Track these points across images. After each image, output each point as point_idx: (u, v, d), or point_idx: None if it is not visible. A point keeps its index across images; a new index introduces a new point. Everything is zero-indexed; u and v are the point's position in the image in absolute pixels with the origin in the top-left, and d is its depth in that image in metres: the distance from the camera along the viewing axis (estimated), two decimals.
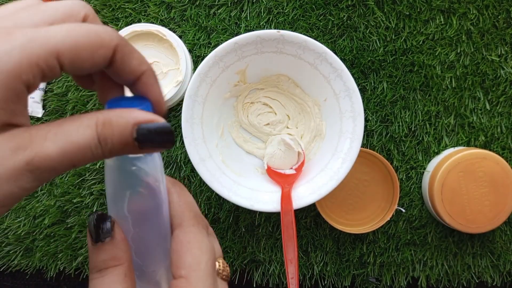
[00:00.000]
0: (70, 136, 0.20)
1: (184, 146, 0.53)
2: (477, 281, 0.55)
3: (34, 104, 0.54)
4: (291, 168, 0.51)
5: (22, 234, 0.55)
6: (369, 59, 0.53)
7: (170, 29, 0.53)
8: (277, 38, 0.45)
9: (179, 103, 0.54)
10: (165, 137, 0.22)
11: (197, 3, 0.54)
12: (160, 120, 0.22)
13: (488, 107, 0.54)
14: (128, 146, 0.21)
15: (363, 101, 0.53)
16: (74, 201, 0.55)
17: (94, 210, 0.20)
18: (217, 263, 0.27)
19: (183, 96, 0.47)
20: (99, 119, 0.21)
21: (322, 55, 0.45)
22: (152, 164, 0.24)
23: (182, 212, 0.26)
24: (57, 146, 0.20)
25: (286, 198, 0.46)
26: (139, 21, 0.54)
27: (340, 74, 0.45)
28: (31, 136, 0.20)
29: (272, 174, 0.50)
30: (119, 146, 0.21)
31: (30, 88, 0.20)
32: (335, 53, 0.48)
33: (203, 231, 0.26)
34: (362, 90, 0.54)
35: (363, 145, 0.54)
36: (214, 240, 0.28)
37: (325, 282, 0.55)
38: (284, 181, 0.48)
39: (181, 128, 0.46)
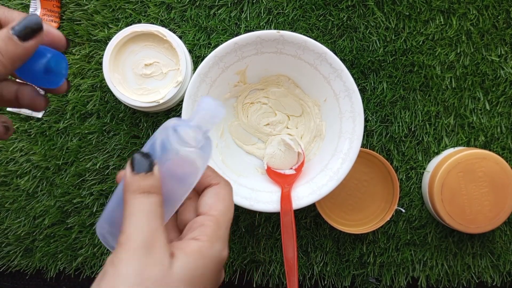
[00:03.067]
0: None
1: None
2: (477, 281, 0.55)
3: None
4: (291, 168, 0.51)
5: (22, 234, 0.55)
6: (369, 59, 0.53)
7: (170, 29, 0.53)
8: (277, 39, 0.45)
9: (179, 103, 0.54)
10: (32, 22, 0.29)
11: (197, 3, 0.54)
12: (26, 15, 0.30)
13: (488, 107, 0.54)
14: (11, 42, 0.28)
15: (363, 101, 0.53)
16: (74, 201, 0.55)
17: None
18: None
19: (183, 96, 0.47)
20: None
21: (322, 55, 0.45)
22: (210, 143, 0.31)
23: (215, 176, 0.33)
24: None
25: (285, 198, 0.46)
26: (139, 21, 0.54)
27: (340, 74, 0.45)
28: None
29: (272, 174, 0.50)
30: (4, 44, 0.28)
31: None
32: (335, 53, 0.48)
33: (230, 188, 0.33)
34: (362, 91, 0.54)
35: (363, 145, 0.54)
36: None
37: (325, 282, 0.55)
38: (284, 181, 0.48)
39: None
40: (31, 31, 0.29)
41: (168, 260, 0.27)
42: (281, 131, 0.52)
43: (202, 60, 0.46)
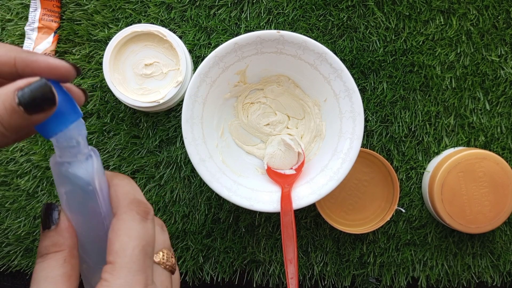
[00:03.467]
0: None
1: (184, 146, 0.53)
2: (477, 281, 0.55)
3: None
4: (291, 168, 0.51)
5: (22, 234, 0.55)
6: (369, 59, 0.53)
7: (170, 29, 0.53)
8: (277, 39, 0.45)
9: (179, 103, 0.54)
10: (45, 94, 0.22)
11: (197, 3, 0.54)
12: (37, 80, 0.22)
13: (488, 107, 0.54)
14: (16, 114, 0.22)
15: (363, 102, 0.53)
16: None
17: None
18: (160, 253, 0.28)
19: (183, 97, 0.47)
20: None
21: (322, 55, 0.45)
22: (85, 168, 0.25)
23: (117, 202, 0.26)
24: None
25: (286, 198, 0.46)
26: (139, 21, 0.54)
27: (340, 74, 0.45)
28: None
29: (272, 174, 0.50)
30: (8, 116, 0.22)
31: None
32: (335, 53, 0.48)
33: (136, 217, 0.26)
34: (362, 91, 0.54)
35: (363, 145, 0.54)
36: (159, 230, 0.29)
37: (325, 282, 0.55)
38: (284, 181, 0.48)
39: (181, 128, 0.46)
40: (40, 102, 0.22)
41: None
42: (281, 131, 0.52)
43: (202, 60, 0.46)
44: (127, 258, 0.24)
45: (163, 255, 0.28)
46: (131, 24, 0.53)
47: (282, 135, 0.51)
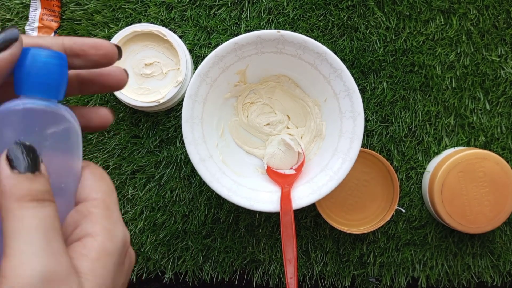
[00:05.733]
0: None
1: (184, 146, 0.53)
2: (477, 281, 0.55)
3: None
4: (291, 168, 0.51)
5: None
6: (369, 59, 0.53)
7: (170, 29, 0.53)
8: (277, 38, 0.45)
9: (179, 103, 0.54)
10: (12, 34, 0.23)
11: (198, 3, 0.54)
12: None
13: (488, 107, 0.54)
14: None
15: (363, 101, 0.53)
16: None
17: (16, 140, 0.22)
18: None
19: (183, 96, 0.47)
20: None
21: (322, 55, 0.45)
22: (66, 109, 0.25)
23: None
24: None
25: (285, 198, 0.46)
26: (140, 21, 0.54)
27: (340, 74, 0.45)
28: None
29: (272, 174, 0.50)
30: None
31: None
32: (335, 53, 0.48)
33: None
34: (362, 91, 0.54)
35: (363, 145, 0.54)
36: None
37: (325, 282, 0.55)
38: (284, 181, 0.48)
39: (181, 128, 0.46)
40: (4, 39, 0.23)
41: (76, 285, 0.21)
42: (281, 131, 0.52)
43: (202, 59, 0.46)
44: (113, 197, 0.25)
45: None
46: (131, 24, 0.53)
47: (282, 135, 0.51)
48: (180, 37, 0.53)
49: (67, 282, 0.20)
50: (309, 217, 0.55)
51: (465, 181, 0.50)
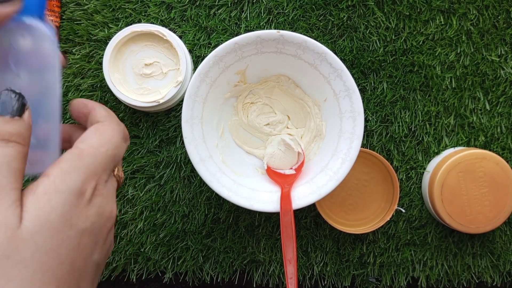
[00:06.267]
0: None
1: (184, 146, 0.53)
2: (477, 281, 0.55)
3: None
4: (291, 168, 0.51)
5: None
6: (369, 59, 0.53)
7: (170, 29, 0.53)
8: (277, 38, 0.45)
9: (179, 103, 0.54)
10: None
11: (197, 3, 0.54)
12: None
13: (488, 107, 0.54)
14: None
15: (363, 101, 0.53)
16: None
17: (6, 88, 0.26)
18: (116, 169, 0.29)
19: (183, 96, 0.47)
20: None
21: (322, 55, 0.45)
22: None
23: (108, 115, 0.29)
24: None
25: (285, 198, 0.46)
26: (139, 21, 0.54)
27: (340, 74, 0.45)
28: None
29: (272, 174, 0.50)
30: None
31: None
32: (335, 53, 0.48)
33: (121, 136, 0.29)
34: (362, 91, 0.54)
35: (363, 145, 0.54)
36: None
37: (325, 282, 0.55)
38: (284, 181, 0.48)
39: (181, 128, 0.46)
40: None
41: (15, 219, 0.22)
42: (281, 131, 0.52)
43: (202, 60, 0.46)
44: (100, 150, 0.27)
45: (117, 170, 0.30)
46: (131, 24, 0.53)
47: (282, 135, 0.51)
48: (180, 37, 0.53)
49: (4, 212, 0.22)
50: (309, 217, 0.55)
51: (465, 181, 0.50)
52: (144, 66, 0.51)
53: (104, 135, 0.28)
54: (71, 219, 0.24)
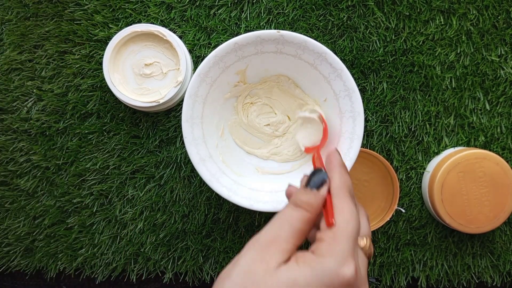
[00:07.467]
0: None
1: (184, 146, 0.53)
2: (477, 281, 0.55)
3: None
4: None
5: (22, 234, 0.55)
6: (369, 59, 0.53)
7: (170, 29, 0.53)
8: (277, 38, 0.45)
9: (179, 103, 0.54)
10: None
11: (197, 3, 0.54)
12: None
13: (488, 107, 0.54)
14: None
15: (363, 101, 0.53)
16: (74, 201, 0.55)
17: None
18: (364, 239, 0.34)
19: (183, 96, 0.47)
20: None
21: (322, 55, 0.45)
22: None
23: (339, 187, 0.33)
24: None
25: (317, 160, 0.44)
26: (139, 21, 0.54)
27: (340, 74, 0.45)
28: None
29: (311, 151, 0.48)
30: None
31: None
32: (335, 53, 0.48)
33: (353, 203, 0.32)
34: (362, 91, 0.54)
35: (363, 145, 0.54)
36: (366, 219, 0.36)
37: None
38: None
39: (181, 128, 0.46)
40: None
41: (275, 263, 0.28)
42: (284, 132, 0.52)
43: (202, 60, 0.46)
44: (347, 231, 0.30)
45: (366, 242, 0.34)
46: (131, 24, 0.53)
47: (299, 113, 0.50)
48: (180, 37, 0.53)
49: (272, 253, 0.29)
50: None
51: (465, 181, 0.50)
52: (144, 66, 0.51)
53: (344, 212, 0.31)
54: None
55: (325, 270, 0.28)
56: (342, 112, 0.46)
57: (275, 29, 0.53)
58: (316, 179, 0.33)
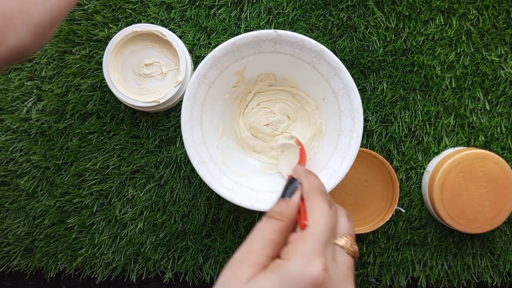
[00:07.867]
0: None
1: (184, 146, 0.53)
2: (477, 281, 0.55)
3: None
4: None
5: (22, 234, 0.55)
6: (369, 59, 0.53)
7: (170, 29, 0.53)
8: (274, 38, 0.45)
9: (179, 103, 0.54)
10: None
11: (197, 3, 0.54)
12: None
13: (488, 107, 0.54)
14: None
15: (363, 102, 0.53)
16: (74, 201, 0.55)
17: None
18: (343, 238, 0.33)
19: (183, 97, 0.47)
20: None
21: (320, 53, 0.45)
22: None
23: (310, 190, 0.33)
24: None
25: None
26: (139, 21, 0.54)
27: (338, 72, 0.45)
28: None
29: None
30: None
31: None
32: (335, 53, 0.48)
33: (326, 203, 0.32)
34: (362, 91, 0.54)
35: (363, 145, 0.54)
36: (345, 218, 0.35)
37: None
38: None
39: (181, 129, 0.46)
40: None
41: (245, 278, 0.28)
42: (283, 131, 0.52)
43: (202, 60, 0.46)
44: (317, 231, 0.29)
45: (347, 241, 0.33)
46: (131, 24, 0.53)
47: (278, 141, 0.51)
48: (180, 37, 0.53)
49: (243, 269, 0.29)
50: None
51: (465, 181, 0.50)
52: (144, 66, 0.51)
53: (315, 212, 0.31)
54: None
55: (289, 272, 0.27)
56: (341, 110, 0.46)
57: (275, 29, 0.53)
58: (289, 188, 0.33)
